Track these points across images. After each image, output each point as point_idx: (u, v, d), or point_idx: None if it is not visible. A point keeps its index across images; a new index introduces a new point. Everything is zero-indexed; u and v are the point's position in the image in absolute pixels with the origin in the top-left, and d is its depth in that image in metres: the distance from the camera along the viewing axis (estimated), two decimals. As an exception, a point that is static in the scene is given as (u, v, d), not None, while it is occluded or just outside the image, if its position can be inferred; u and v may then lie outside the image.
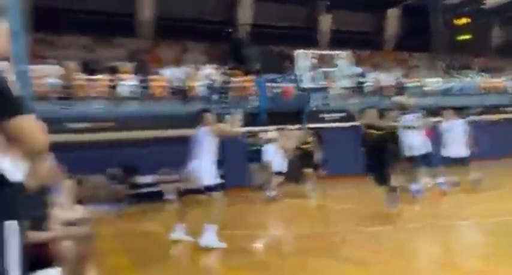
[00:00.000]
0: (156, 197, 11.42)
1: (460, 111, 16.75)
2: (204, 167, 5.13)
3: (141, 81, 12.78)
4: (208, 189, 5.03)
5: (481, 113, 17.36)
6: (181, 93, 13.06)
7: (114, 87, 12.51)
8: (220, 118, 6.17)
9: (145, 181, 11.76)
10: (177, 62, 15.55)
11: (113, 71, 12.64)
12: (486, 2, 23.44)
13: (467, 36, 24.94)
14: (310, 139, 10.60)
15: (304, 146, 10.49)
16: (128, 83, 13.10)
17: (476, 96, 18.44)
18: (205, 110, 5.86)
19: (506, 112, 17.75)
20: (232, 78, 14.64)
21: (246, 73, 15.39)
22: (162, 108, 12.59)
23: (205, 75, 13.77)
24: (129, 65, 13.93)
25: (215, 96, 13.46)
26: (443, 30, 24.03)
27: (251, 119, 13.12)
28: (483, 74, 21.43)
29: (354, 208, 7.83)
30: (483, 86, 19.41)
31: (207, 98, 13.38)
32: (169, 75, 13.64)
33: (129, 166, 11.40)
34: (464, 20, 24.55)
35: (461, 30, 24.82)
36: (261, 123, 13.12)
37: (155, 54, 17.44)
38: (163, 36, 18.48)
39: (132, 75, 13.05)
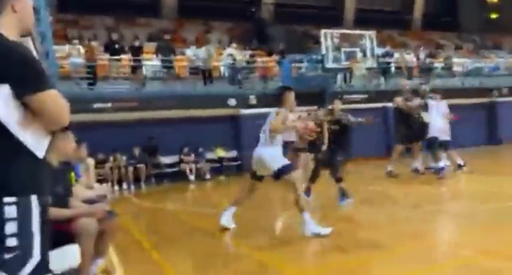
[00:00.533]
0: (178, 177, 11.56)
1: (488, 92, 16.56)
2: (272, 151, 4.63)
3: (164, 61, 12.75)
4: (281, 172, 4.51)
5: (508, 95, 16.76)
6: (203, 73, 12.99)
7: (137, 67, 12.54)
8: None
9: (167, 161, 11.89)
10: (201, 42, 15.44)
11: (136, 51, 12.63)
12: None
13: (497, 15, 23.86)
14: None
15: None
16: (151, 63, 13.12)
17: (507, 77, 17.72)
18: (287, 88, 5.04)
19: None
20: (256, 59, 14.45)
21: (270, 53, 15.16)
22: (185, 88, 12.57)
23: (228, 55, 13.63)
24: (152, 45, 13.90)
25: (239, 77, 13.33)
26: (473, 9, 23.03)
27: (275, 100, 13.00)
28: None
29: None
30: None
31: (230, 78, 13.28)
32: (192, 55, 13.56)
33: (151, 145, 11.53)
34: (494, -1, 23.48)
35: (492, 8, 23.74)
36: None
37: (178, 34, 17.37)
38: (186, 16, 18.37)
39: (155, 56, 13.03)
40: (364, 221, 5.30)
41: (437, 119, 8.42)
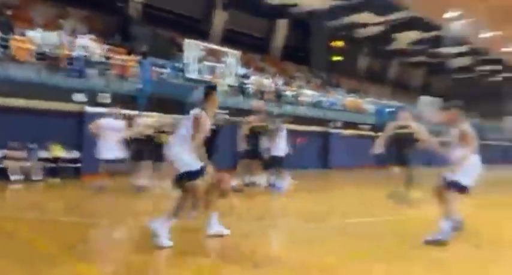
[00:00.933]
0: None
1: (326, 123, 18.85)
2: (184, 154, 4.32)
3: (1, 39, 10.85)
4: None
5: (341, 127, 19.40)
6: (50, 61, 11.46)
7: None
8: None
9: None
10: (50, 26, 13.69)
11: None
12: (358, 31, 26.23)
13: (340, 58, 27.55)
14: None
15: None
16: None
17: (341, 112, 20.45)
18: (214, 88, 4.74)
19: (361, 129, 20.12)
20: (114, 55, 13.46)
21: (130, 52, 14.33)
22: (23, 74, 10.88)
23: (80, 45, 12.36)
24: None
25: (91, 71, 12.18)
26: (322, 49, 26.05)
27: (129, 102, 12.24)
28: (352, 94, 23.90)
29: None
30: (348, 105, 21.61)
31: (80, 71, 12.01)
32: (39, 38, 11.88)
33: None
34: (339, 43, 27.09)
35: (336, 52, 27.31)
36: (141, 108, 12.33)
37: (25, 13, 15.12)
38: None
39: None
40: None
41: (282, 140, 9.35)
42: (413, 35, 26.87)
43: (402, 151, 7.87)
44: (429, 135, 7.59)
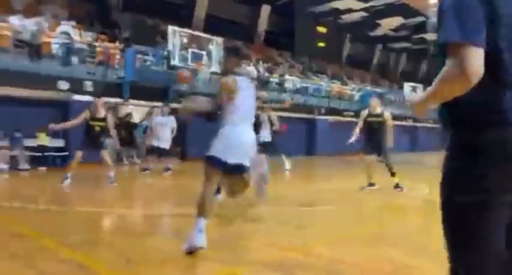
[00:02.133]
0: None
1: (308, 109, 18.98)
2: None
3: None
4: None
5: (325, 114, 19.57)
6: (31, 48, 11.30)
7: None
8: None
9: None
10: (29, 12, 13.43)
11: None
12: (343, 17, 26.32)
13: (324, 44, 27.64)
14: None
15: None
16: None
17: (325, 99, 20.62)
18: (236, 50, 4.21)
19: (345, 116, 20.31)
20: (98, 43, 13.32)
21: (113, 40, 14.18)
22: (4, 61, 10.71)
23: (62, 32, 12.18)
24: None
25: (74, 58, 12.06)
26: (306, 34, 26.07)
27: (113, 90, 12.20)
28: (335, 81, 24.09)
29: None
30: (333, 91, 21.81)
31: (64, 59, 11.88)
32: (18, 25, 11.67)
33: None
34: (323, 29, 27.15)
35: (321, 37, 27.37)
36: (124, 96, 12.31)
37: (2, -1, 14.76)
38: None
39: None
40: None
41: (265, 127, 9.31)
42: (396, 21, 27.08)
43: (374, 138, 7.94)
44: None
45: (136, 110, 14.51)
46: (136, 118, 14.43)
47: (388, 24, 27.77)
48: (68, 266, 3.34)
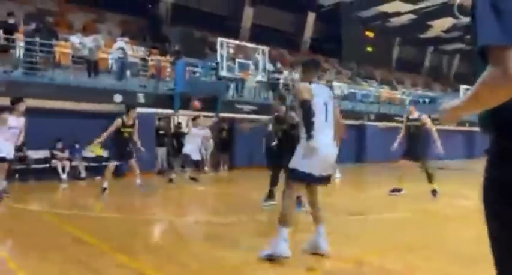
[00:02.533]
0: (48, 174, 10.46)
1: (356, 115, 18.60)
2: None
3: (42, 45, 11.45)
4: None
5: (375, 120, 19.08)
6: (88, 64, 12.03)
7: (8, 48, 11.01)
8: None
9: (36, 156, 10.68)
10: (88, 31, 14.34)
11: (10, 29, 11.08)
12: (391, 20, 25.69)
13: (372, 49, 27.08)
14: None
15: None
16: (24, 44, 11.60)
17: (374, 104, 20.13)
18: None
19: (396, 121, 19.60)
20: (151, 57, 13.95)
21: (164, 53, 14.78)
22: (65, 77, 11.48)
23: (118, 48, 12.87)
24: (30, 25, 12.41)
25: (127, 72, 12.69)
26: (354, 40, 25.69)
27: (165, 101, 12.66)
28: (384, 86, 23.50)
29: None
30: (382, 96, 21.27)
31: (119, 74, 12.54)
32: (78, 43, 12.48)
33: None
34: (371, 34, 26.63)
35: (368, 42, 26.86)
36: (175, 107, 12.74)
37: (64, 19, 15.90)
38: (77, 1, 16.94)
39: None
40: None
41: None
42: (447, 22, 26.02)
43: (412, 143, 7.97)
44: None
45: (186, 121, 14.97)
46: (186, 128, 14.87)
47: (440, 25, 26.72)
48: (126, 271, 3.52)
